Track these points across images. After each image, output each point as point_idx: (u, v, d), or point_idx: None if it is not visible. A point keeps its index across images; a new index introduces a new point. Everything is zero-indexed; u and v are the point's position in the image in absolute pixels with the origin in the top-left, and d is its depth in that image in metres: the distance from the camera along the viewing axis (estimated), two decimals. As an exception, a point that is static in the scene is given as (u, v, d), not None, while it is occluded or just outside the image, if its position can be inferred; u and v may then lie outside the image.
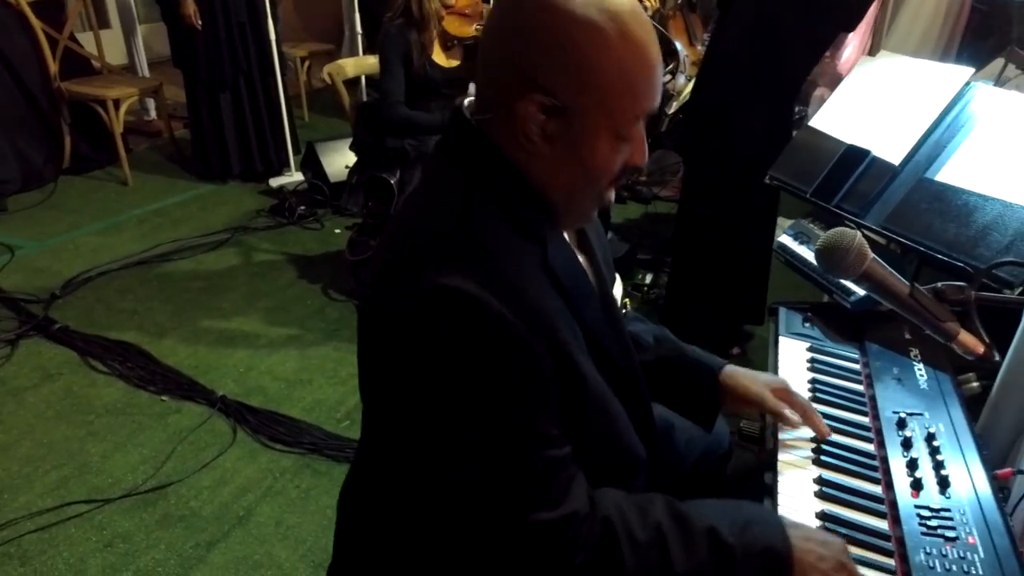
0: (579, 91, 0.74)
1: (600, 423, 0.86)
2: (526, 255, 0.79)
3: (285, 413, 2.25)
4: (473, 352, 0.73)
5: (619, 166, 0.81)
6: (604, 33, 0.72)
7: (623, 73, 0.74)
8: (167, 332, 2.67)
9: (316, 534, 1.85)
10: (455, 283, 0.72)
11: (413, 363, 0.76)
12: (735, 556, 0.76)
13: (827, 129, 1.75)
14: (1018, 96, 1.54)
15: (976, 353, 0.86)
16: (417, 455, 0.82)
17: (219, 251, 3.30)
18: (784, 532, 0.80)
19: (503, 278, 0.75)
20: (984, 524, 0.90)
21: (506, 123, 0.78)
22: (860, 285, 0.88)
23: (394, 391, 0.81)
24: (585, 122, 0.76)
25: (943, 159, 1.51)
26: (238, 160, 4.02)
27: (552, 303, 0.79)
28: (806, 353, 1.36)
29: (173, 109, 4.49)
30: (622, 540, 0.76)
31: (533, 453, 0.76)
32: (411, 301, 0.74)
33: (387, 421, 0.88)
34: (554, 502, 0.76)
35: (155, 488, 1.97)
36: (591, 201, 0.85)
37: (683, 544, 0.77)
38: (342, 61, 2.94)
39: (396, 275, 0.78)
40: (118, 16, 4.83)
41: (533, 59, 0.74)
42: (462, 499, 0.79)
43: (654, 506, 0.81)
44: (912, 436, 1.07)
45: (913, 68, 1.73)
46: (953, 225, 1.39)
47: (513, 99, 0.75)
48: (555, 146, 0.78)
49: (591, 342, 0.85)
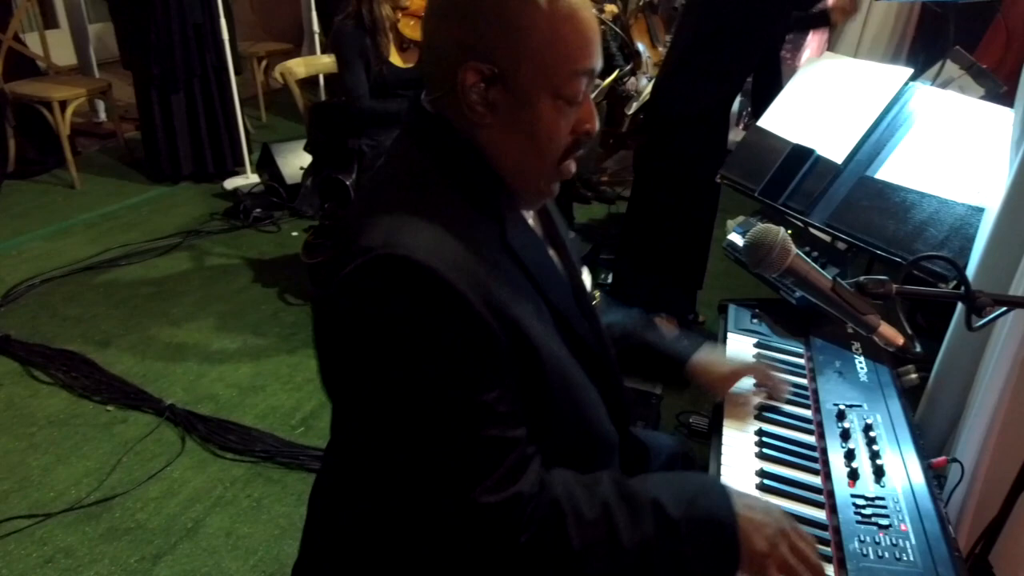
0: (513, 54, 0.76)
1: (566, 404, 0.85)
2: (481, 230, 0.79)
3: (237, 421, 2.20)
4: (418, 320, 0.72)
5: (567, 131, 0.82)
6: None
7: (554, 31, 0.75)
8: (114, 340, 2.59)
9: (268, 544, 1.81)
10: (402, 251, 0.72)
11: (359, 333, 0.75)
12: (680, 529, 0.77)
13: (774, 129, 1.78)
14: (953, 96, 1.59)
15: (896, 344, 0.88)
16: (369, 438, 0.80)
17: (170, 255, 3.22)
18: (728, 501, 0.81)
19: (454, 249, 0.74)
20: (916, 511, 0.93)
21: (452, 97, 0.79)
22: (785, 280, 0.89)
23: (344, 370, 0.79)
24: (523, 85, 0.77)
25: (883, 157, 1.55)
26: (190, 161, 3.93)
27: (510, 280, 0.79)
28: (753, 349, 1.38)
29: (124, 111, 4.37)
30: (569, 519, 0.76)
31: (478, 430, 0.74)
32: (358, 270, 0.73)
33: (344, 408, 0.86)
34: (500, 483, 0.75)
35: (99, 501, 1.90)
36: (546, 173, 0.85)
37: (629, 520, 0.77)
38: (292, 61, 2.89)
39: (351, 243, 0.77)
40: (66, 16, 4.69)
41: (466, 28, 0.76)
42: (408, 479, 0.77)
43: (601, 484, 0.80)
44: (850, 427, 1.09)
45: (855, 69, 1.78)
46: (892, 222, 1.42)
47: (454, 71, 0.77)
48: (499, 114, 0.78)
49: (560, 323, 0.85)
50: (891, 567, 0.85)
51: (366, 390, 0.77)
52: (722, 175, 1.83)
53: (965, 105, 1.52)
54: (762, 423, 1.15)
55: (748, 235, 0.89)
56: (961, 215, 1.35)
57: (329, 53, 2.85)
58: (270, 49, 5.06)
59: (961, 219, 1.34)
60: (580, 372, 0.87)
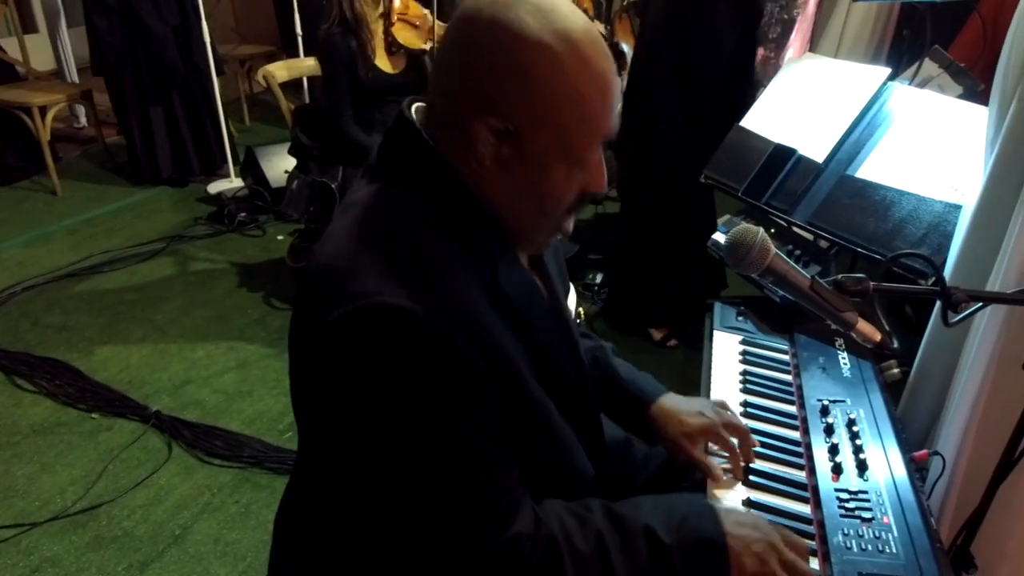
0: (533, 116, 0.73)
1: (547, 445, 0.84)
2: (472, 273, 0.76)
3: (224, 426, 2.19)
4: (409, 370, 0.70)
5: (575, 194, 0.79)
6: (558, 57, 0.71)
7: (578, 98, 0.73)
8: (98, 347, 2.57)
9: (257, 550, 1.80)
10: (389, 299, 0.69)
11: (348, 381, 0.72)
12: (673, 554, 0.77)
13: (756, 129, 1.80)
14: (929, 95, 1.62)
15: (873, 341, 0.89)
16: (353, 481, 0.78)
17: (154, 261, 3.19)
18: (717, 520, 0.81)
19: (442, 293, 0.72)
20: (899, 504, 0.94)
21: (459, 142, 0.75)
22: (765, 279, 0.91)
23: (328, 411, 0.76)
24: (539, 147, 0.74)
25: (863, 156, 1.57)
26: (173, 165, 3.91)
27: (498, 323, 0.76)
28: (739, 346, 1.39)
29: (106, 115, 4.33)
30: (564, 555, 0.76)
31: (474, 474, 0.73)
32: (343, 319, 0.70)
33: (321, 442, 0.83)
34: (499, 526, 0.74)
35: (85, 509, 1.89)
36: (546, 230, 0.83)
37: (623, 550, 0.77)
38: (274, 65, 2.89)
39: (328, 289, 0.73)
40: (44, 20, 4.63)
41: (487, 82, 0.72)
42: (401, 523, 0.75)
43: (593, 514, 0.80)
44: (834, 422, 1.11)
45: (835, 69, 1.80)
46: (872, 220, 1.44)
47: (467, 120, 0.74)
48: (508, 171, 0.76)
49: (544, 362, 0.82)
50: (874, 559, 0.86)
51: (353, 437, 0.74)
52: (706, 175, 1.85)
53: (941, 104, 1.55)
54: (748, 420, 1.16)
55: (728, 235, 0.91)
56: (939, 212, 1.37)
57: (312, 56, 2.84)
58: (252, 52, 5.03)
59: (939, 216, 1.37)
60: (554, 409, 0.84)
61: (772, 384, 1.26)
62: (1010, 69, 1.16)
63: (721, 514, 0.82)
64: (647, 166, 2.48)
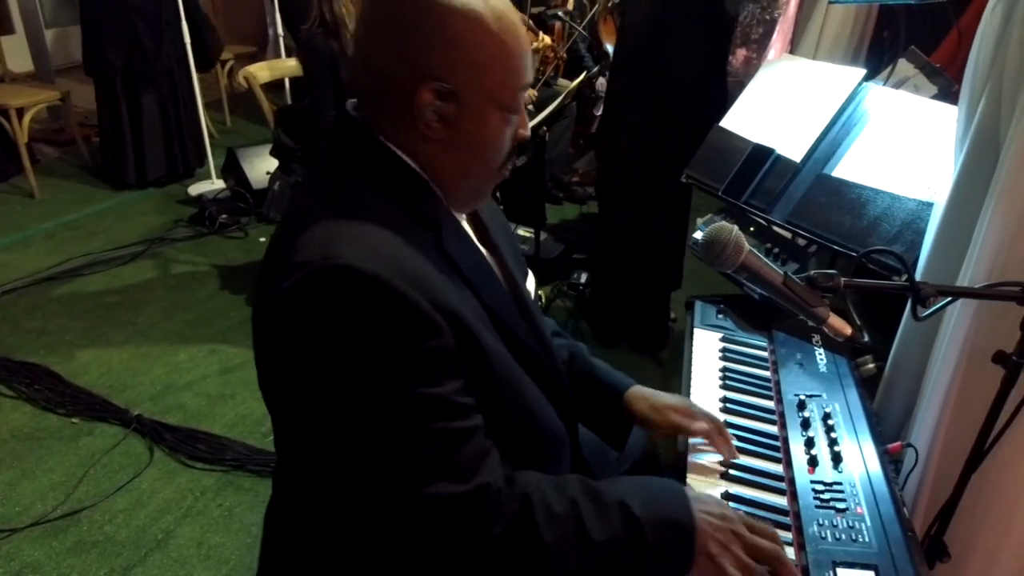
0: (468, 74, 0.81)
1: (512, 400, 0.87)
2: (420, 238, 0.82)
3: (206, 430, 2.17)
4: (366, 327, 0.73)
5: (509, 139, 0.88)
6: (484, 20, 0.80)
7: (503, 54, 0.82)
8: (78, 351, 2.54)
9: (240, 553, 1.79)
10: (347, 260, 0.73)
11: (306, 347, 0.75)
12: (645, 528, 0.80)
13: (736, 129, 1.82)
14: (903, 95, 1.65)
15: (844, 335, 0.91)
16: (323, 447, 0.80)
17: (135, 264, 3.16)
18: (688, 504, 0.84)
19: (396, 255, 0.77)
20: (872, 494, 0.96)
21: (399, 114, 0.82)
22: (739, 276, 0.92)
23: (293, 376, 0.79)
24: (476, 101, 0.82)
25: (839, 156, 1.59)
26: (153, 167, 3.87)
27: (447, 283, 0.81)
28: (719, 343, 1.41)
29: (85, 117, 4.28)
30: (539, 514, 0.78)
31: (438, 423, 0.76)
32: (297, 285, 0.74)
33: (289, 421, 0.86)
34: (463, 474, 0.77)
35: (66, 514, 1.87)
36: (488, 177, 0.91)
37: (597, 517, 0.80)
38: (256, 65, 2.88)
39: (287, 258, 0.77)
40: (22, 21, 4.57)
41: (424, 52, 0.79)
42: (370, 481, 0.77)
43: (569, 483, 0.84)
44: (810, 416, 1.13)
45: (812, 70, 1.83)
46: (848, 217, 1.47)
47: (408, 90, 0.80)
48: (452, 128, 0.83)
49: (496, 323, 0.87)
50: (848, 548, 0.88)
51: (318, 400, 0.77)
52: (687, 175, 1.87)
53: (914, 104, 1.58)
54: (727, 415, 1.18)
55: (703, 234, 0.92)
56: (912, 210, 1.40)
57: (295, 57, 2.83)
58: (234, 52, 5.00)
59: (912, 214, 1.39)
60: (520, 371, 0.89)
61: (751, 380, 1.28)
62: (978, 69, 1.19)
63: (691, 499, 0.86)
64: (624, 164, 2.50)
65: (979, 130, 1.17)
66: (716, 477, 1.04)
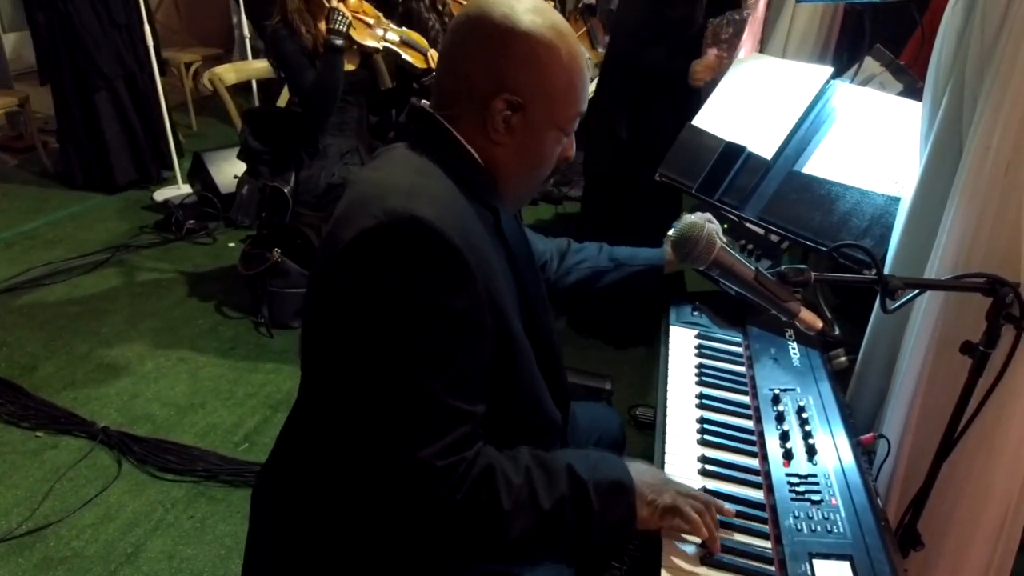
0: (537, 93, 0.92)
1: (525, 387, 0.96)
2: (480, 217, 0.92)
3: (176, 440, 2.12)
4: (428, 278, 0.81)
5: (555, 157, 0.99)
6: (557, 50, 0.92)
7: (569, 81, 0.94)
8: (40, 363, 2.47)
9: (213, 564, 1.75)
10: (418, 212, 0.81)
11: (371, 286, 0.82)
12: (589, 488, 0.89)
13: (708, 127, 1.84)
14: (869, 92, 1.68)
15: (816, 328, 0.92)
16: (343, 391, 0.87)
17: (98, 272, 3.08)
18: (627, 469, 0.94)
19: (460, 223, 0.85)
20: (846, 485, 0.97)
21: (474, 114, 0.93)
22: (711, 272, 0.93)
23: (338, 322, 0.85)
24: (539, 118, 0.94)
25: (808, 152, 1.61)
26: (116, 173, 3.78)
27: (497, 263, 0.91)
28: (695, 340, 1.42)
29: (44, 123, 4.16)
30: (500, 483, 0.86)
31: (449, 395, 0.83)
32: (382, 227, 0.81)
33: (323, 365, 0.92)
34: (450, 449, 0.83)
35: (32, 531, 1.81)
36: (533, 187, 1.03)
37: (547, 483, 0.88)
38: (222, 67, 2.82)
39: (363, 208, 0.84)
40: (-25, 24, 4.44)
41: (506, 68, 0.91)
42: (368, 433, 0.84)
43: (522, 454, 0.92)
44: (785, 410, 1.13)
45: (780, 68, 1.85)
46: (819, 214, 1.48)
47: (486, 97, 0.91)
48: (514, 136, 0.94)
49: (527, 309, 0.97)
50: (823, 539, 0.89)
51: (359, 337, 0.83)
52: (661, 173, 1.88)
53: (881, 101, 1.60)
54: (703, 411, 1.19)
55: (675, 231, 0.93)
56: (881, 205, 1.42)
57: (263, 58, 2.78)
58: (200, 55, 4.91)
59: (881, 209, 1.41)
60: (532, 358, 0.97)
61: (726, 375, 1.29)
62: (941, 66, 1.21)
63: (629, 465, 0.95)
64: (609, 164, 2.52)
65: (943, 126, 1.19)
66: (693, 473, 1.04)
